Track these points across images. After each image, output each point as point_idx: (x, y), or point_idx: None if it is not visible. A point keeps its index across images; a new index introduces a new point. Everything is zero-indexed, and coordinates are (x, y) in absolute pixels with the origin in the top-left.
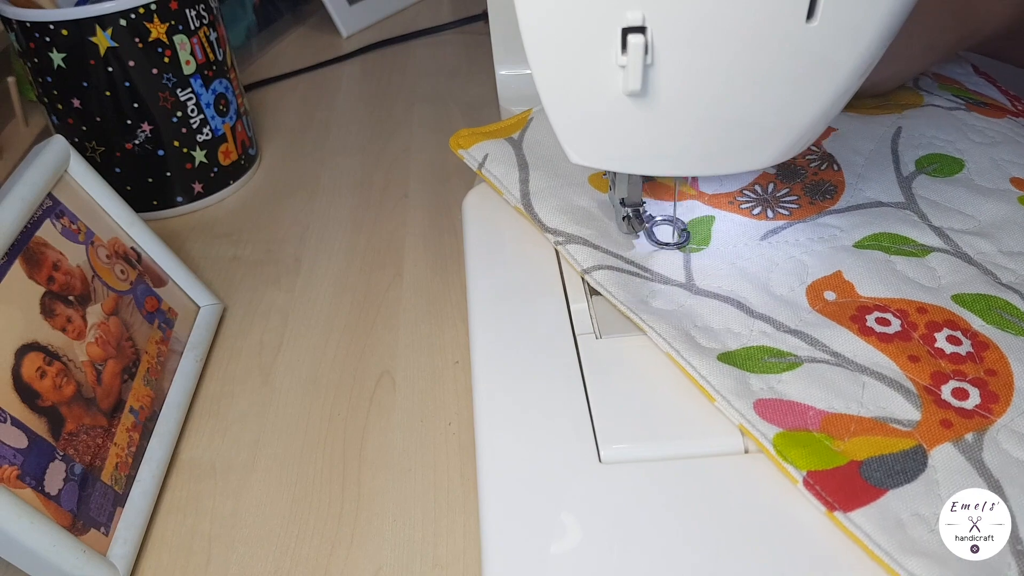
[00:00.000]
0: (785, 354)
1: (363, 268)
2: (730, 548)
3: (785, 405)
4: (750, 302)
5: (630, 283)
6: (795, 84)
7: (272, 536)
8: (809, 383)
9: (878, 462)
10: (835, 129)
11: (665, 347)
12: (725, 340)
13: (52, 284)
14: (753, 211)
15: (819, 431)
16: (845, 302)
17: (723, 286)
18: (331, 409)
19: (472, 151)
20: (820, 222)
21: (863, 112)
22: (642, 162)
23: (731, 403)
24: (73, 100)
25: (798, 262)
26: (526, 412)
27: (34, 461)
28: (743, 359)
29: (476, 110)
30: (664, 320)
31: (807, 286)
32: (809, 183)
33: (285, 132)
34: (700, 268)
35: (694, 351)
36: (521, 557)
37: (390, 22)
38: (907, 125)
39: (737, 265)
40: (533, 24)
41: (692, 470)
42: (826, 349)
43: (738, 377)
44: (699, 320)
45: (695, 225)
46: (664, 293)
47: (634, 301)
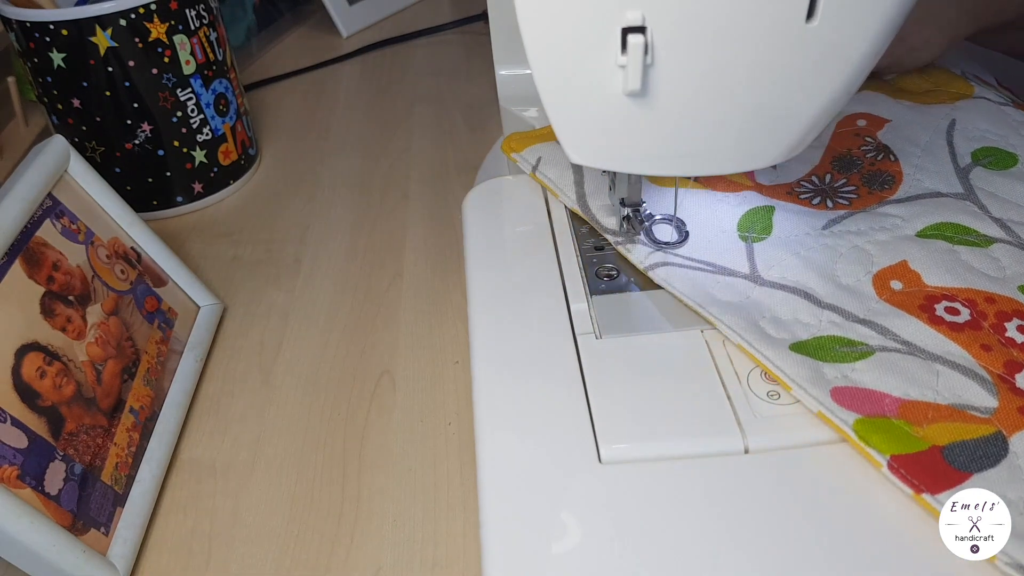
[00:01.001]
0: (856, 343)
1: (363, 268)
2: (730, 548)
3: (861, 393)
4: (817, 292)
5: (694, 277)
6: (795, 84)
7: (272, 536)
8: (883, 371)
9: (960, 447)
10: (889, 120)
11: (736, 339)
12: (795, 331)
13: (52, 284)
14: (813, 201)
15: (897, 417)
16: (912, 291)
17: (788, 276)
18: (331, 409)
19: (525, 154)
20: (881, 211)
21: (916, 100)
22: (642, 162)
23: (807, 391)
24: (73, 100)
25: (862, 251)
26: (526, 412)
27: (34, 461)
28: (815, 349)
29: (476, 110)
30: (732, 312)
31: (873, 275)
32: (866, 173)
33: (285, 132)
34: (764, 258)
35: (765, 342)
36: (521, 557)
37: (390, 22)
38: (960, 117)
39: (801, 255)
40: (533, 24)
41: (692, 470)
42: (897, 338)
43: (812, 366)
44: (767, 311)
45: (755, 215)
46: (729, 285)
47: (700, 295)
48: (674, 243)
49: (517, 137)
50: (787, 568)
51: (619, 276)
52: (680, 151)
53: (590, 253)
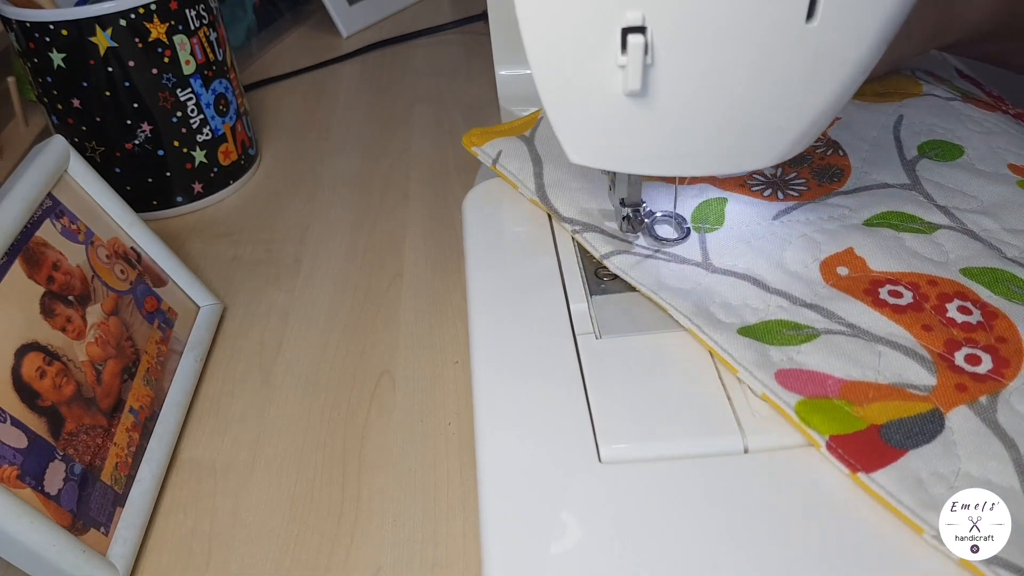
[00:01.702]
0: (803, 327)
1: (363, 268)
2: (730, 548)
3: (805, 375)
4: (766, 279)
5: (648, 265)
6: (795, 84)
7: (272, 536)
8: (827, 353)
9: (897, 425)
10: (839, 118)
11: (687, 323)
12: (744, 315)
13: (52, 284)
14: (764, 193)
15: (839, 398)
16: (858, 276)
17: (738, 264)
18: (331, 409)
19: (486, 148)
20: (829, 203)
21: (865, 100)
22: (642, 162)
23: (753, 374)
24: (73, 100)
25: (810, 240)
26: (526, 412)
27: (34, 461)
28: (762, 332)
29: (476, 110)
30: (683, 298)
31: (820, 262)
32: (816, 167)
33: (285, 132)
34: (716, 247)
35: (714, 326)
36: (521, 557)
37: (390, 22)
38: (908, 113)
39: (751, 244)
40: (533, 24)
41: (692, 470)
42: (842, 321)
43: (758, 349)
44: (718, 297)
45: (708, 207)
46: (682, 273)
47: (653, 281)
48: (675, 240)
49: (478, 132)
50: (787, 568)
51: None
52: (680, 151)
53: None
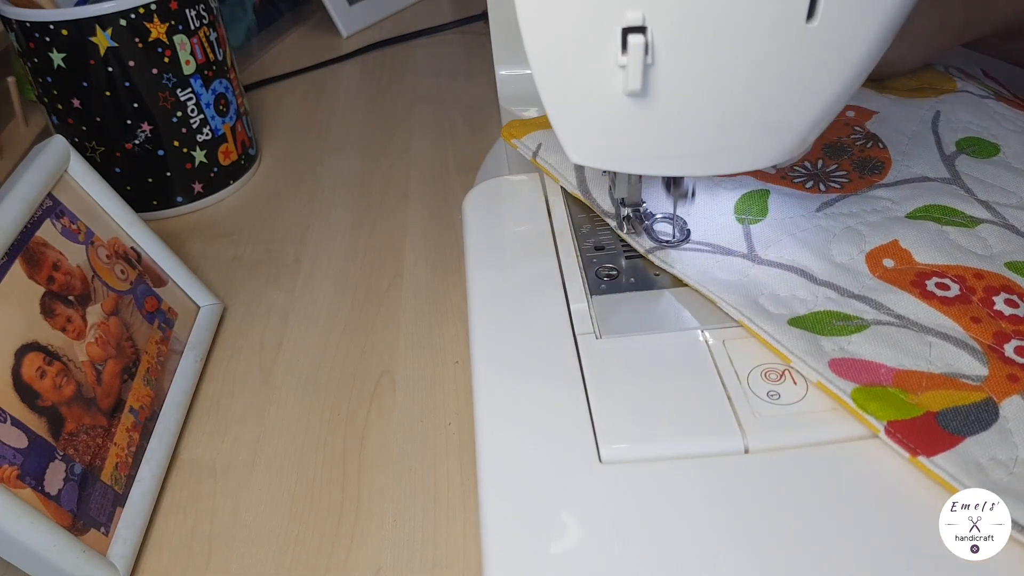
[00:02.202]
0: (852, 318)
1: (363, 268)
2: (730, 548)
3: (858, 364)
4: (813, 270)
5: (693, 257)
6: (795, 84)
7: (272, 536)
8: (878, 343)
9: (953, 412)
10: (876, 112)
11: (736, 315)
12: (793, 306)
13: (52, 284)
14: (806, 185)
15: (893, 386)
16: (904, 269)
17: (784, 256)
18: (331, 409)
19: (525, 141)
20: (871, 195)
21: (900, 95)
22: (642, 162)
23: (807, 363)
24: (73, 100)
25: (855, 232)
26: (526, 412)
27: (34, 461)
28: (813, 323)
29: (476, 110)
30: (731, 290)
31: (866, 254)
32: (856, 159)
33: (285, 132)
34: (761, 238)
35: (765, 317)
36: (521, 557)
37: (390, 22)
38: (944, 109)
39: (796, 235)
40: (533, 24)
41: (692, 470)
42: (891, 312)
43: (810, 339)
44: (766, 289)
45: (750, 198)
46: (728, 264)
47: (700, 274)
48: (675, 241)
49: (517, 124)
50: (787, 568)
51: (619, 276)
52: (680, 151)
53: (590, 253)
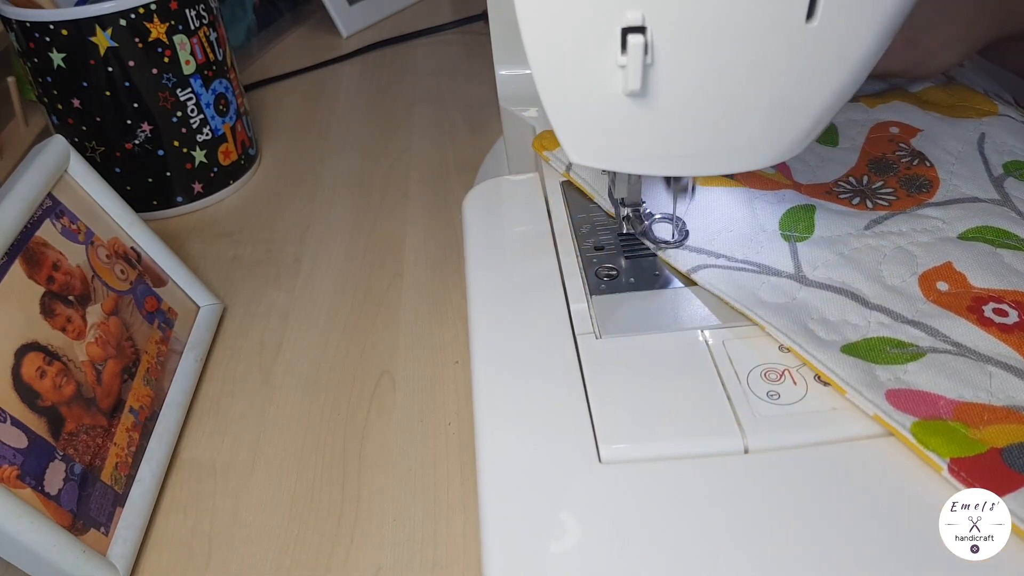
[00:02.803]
0: (907, 344)
1: (363, 268)
2: (730, 548)
3: (916, 395)
4: (864, 293)
5: (739, 278)
6: (795, 84)
7: (272, 536)
8: (935, 373)
9: (1019, 449)
10: (921, 129)
11: (786, 341)
12: (844, 332)
13: (52, 284)
14: (852, 201)
15: (953, 419)
16: (959, 292)
17: (834, 277)
18: (331, 409)
19: (558, 153)
20: (921, 213)
21: (941, 112)
22: (642, 162)
23: (863, 394)
24: (73, 100)
25: (906, 252)
26: (526, 412)
27: (34, 461)
28: (866, 350)
29: (476, 110)
30: (780, 314)
31: (919, 276)
32: (903, 177)
33: (285, 132)
34: (808, 258)
35: (816, 344)
36: (521, 557)
37: (390, 22)
38: (989, 132)
39: (845, 255)
40: (533, 24)
41: (692, 470)
42: (947, 339)
43: (864, 368)
44: (815, 312)
45: (795, 214)
46: (775, 285)
47: (746, 296)
48: (673, 242)
49: (549, 136)
50: (787, 568)
51: (619, 276)
52: (680, 151)
53: (590, 253)
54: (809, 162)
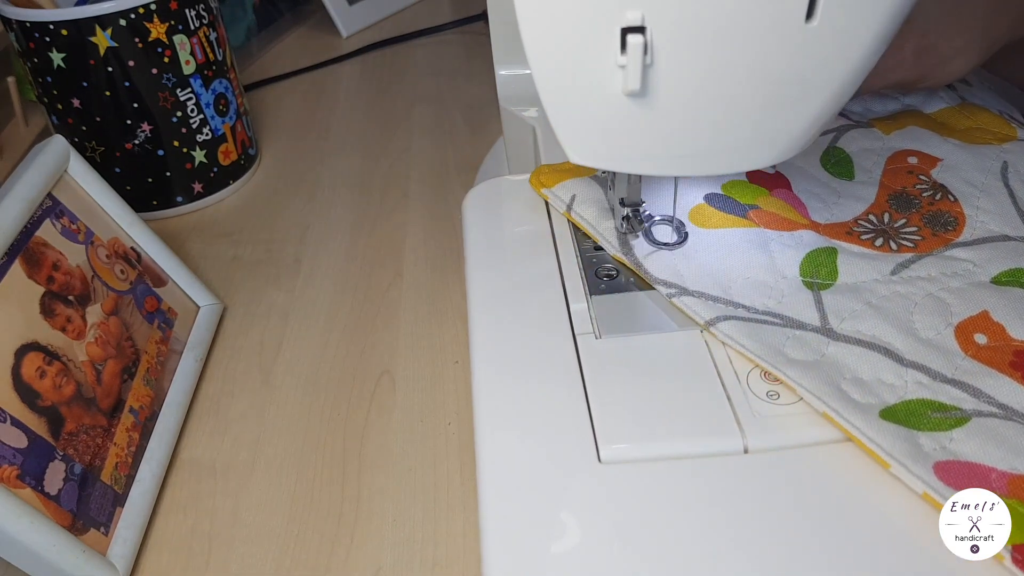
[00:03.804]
0: (949, 408)
1: (363, 268)
2: (730, 548)
3: (965, 468)
4: (898, 348)
5: (761, 332)
6: (795, 83)
7: (272, 536)
8: (984, 441)
9: None
10: (940, 159)
11: (820, 407)
12: (881, 394)
13: (52, 284)
14: (875, 242)
15: (1009, 496)
16: (999, 346)
17: (863, 330)
18: (331, 409)
19: (557, 191)
20: (949, 255)
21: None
22: (642, 162)
23: (910, 469)
24: (73, 100)
25: (938, 301)
26: (526, 412)
27: (34, 461)
28: (906, 415)
29: (476, 110)
30: (811, 375)
31: (954, 328)
32: (927, 213)
33: (285, 132)
34: (834, 308)
35: (853, 409)
36: (521, 557)
37: (390, 22)
38: (1011, 160)
39: (873, 304)
40: (533, 24)
41: (692, 470)
42: (992, 401)
43: (907, 437)
44: (847, 372)
45: (817, 258)
46: (801, 340)
47: (770, 352)
48: (673, 244)
49: (547, 171)
50: (787, 568)
51: (619, 276)
52: (680, 151)
53: (590, 253)
54: (825, 198)
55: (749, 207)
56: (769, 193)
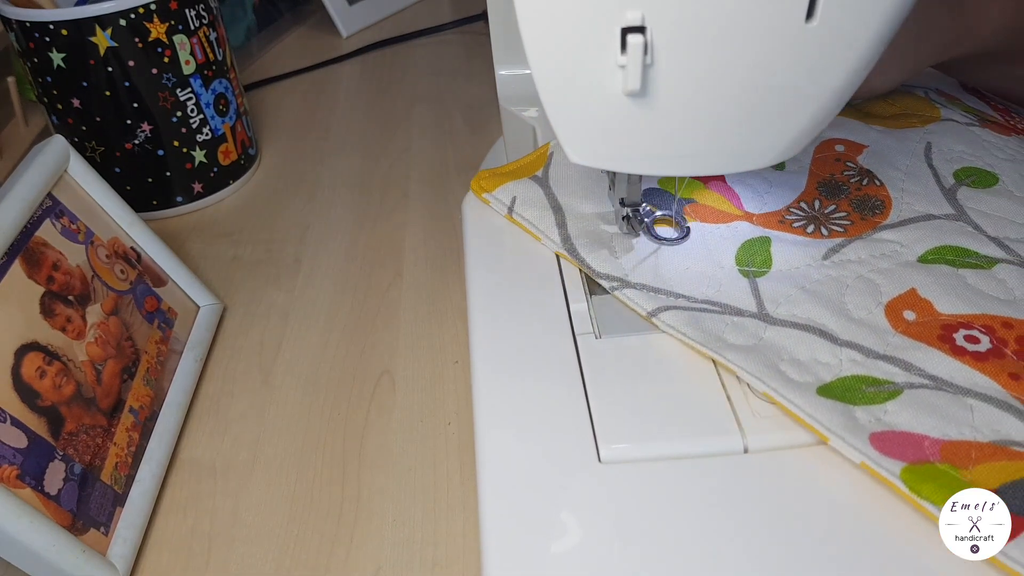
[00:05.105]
0: (882, 382)
1: (363, 268)
2: (730, 548)
3: (899, 437)
4: (831, 328)
5: (702, 320)
6: (794, 83)
7: (272, 536)
8: (916, 411)
9: (1011, 489)
10: (866, 146)
11: (761, 386)
12: (817, 372)
13: (52, 284)
14: (807, 229)
15: (941, 462)
16: (927, 321)
17: (798, 313)
18: (331, 409)
19: (497, 194)
20: (877, 237)
21: (887, 125)
22: (642, 162)
23: (846, 440)
24: (73, 100)
25: (868, 281)
26: (526, 412)
27: (34, 461)
28: (842, 391)
29: (476, 110)
30: (749, 357)
31: (884, 306)
32: (855, 199)
33: (285, 132)
34: (769, 294)
35: (792, 388)
36: (521, 557)
37: (390, 22)
38: (935, 140)
39: (807, 288)
40: (533, 24)
41: (692, 470)
42: (922, 373)
43: (844, 411)
44: (784, 353)
45: (752, 247)
46: (739, 326)
47: (711, 339)
48: (676, 240)
49: (486, 175)
50: (787, 568)
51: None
52: (680, 151)
53: None
54: (757, 188)
55: (686, 201)
56: (704, 186)
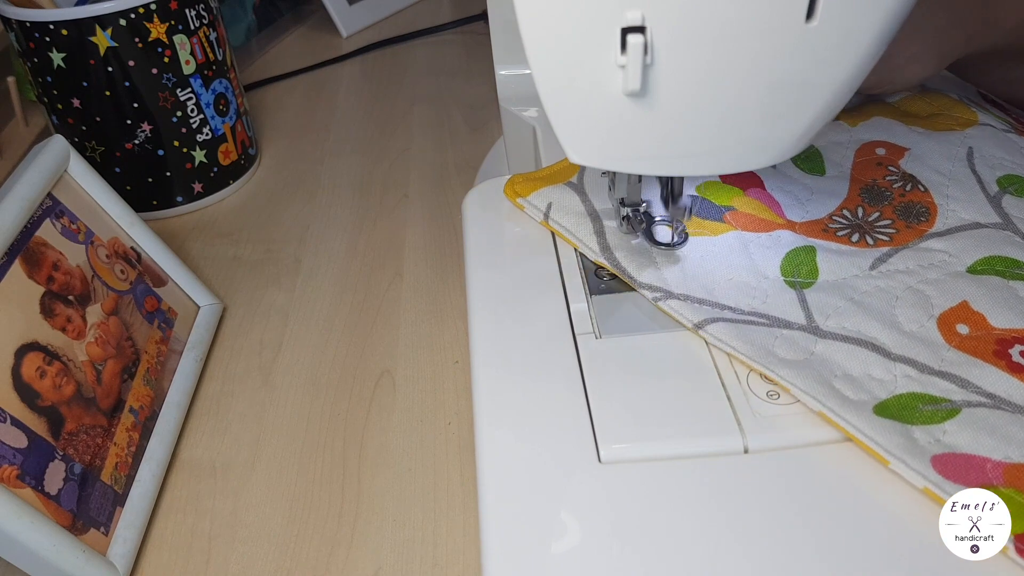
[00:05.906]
0: (939, 400)
1: (363, 268)
2: (730, 548)
3: (960, 459)
4: (884, 343)
5: (750, 333)
6: (795, 83)
7: (272, 536)
8: (976, 431)
9: None
10: (908, 149)
11: (816, 406)
12: (872, 389)
13: (52, 284)
14: (852, 238)
15: (1005, 486)
16: (981, 335)
17: (848, 326)
18: (331, 409)
19: (532, 199)
20: (925, 247)
21: (925, 126)
22: (642, 162)
23: (908, 464)
24: (73, 100)
25: (918, 293)
26: (526, 412)
27: (34, 461)
28: (898, 409)
29: (476, 110)
30: (802, 373)
31: (936, 319)
32: (899, 205)
33: (285, 132)
34: (818, 306)
35: (848, 408)
36: (521, 557)
37: (390, 22)
38: (976, 145)
39: (856, 300)
40: (533, 24)
41: (692, 470)
42: (979, 391)
43: (902, 432)
44: (837, 368)
45: (797, 257)
46: (789, 339)
47: (761, 354)
48: (674, 244)
49: (520, 180)
50: (787, 568)
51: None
52: (680, 151)
53: None
54: (798, 195)
55: (725, 208)
56: (743, 193)
